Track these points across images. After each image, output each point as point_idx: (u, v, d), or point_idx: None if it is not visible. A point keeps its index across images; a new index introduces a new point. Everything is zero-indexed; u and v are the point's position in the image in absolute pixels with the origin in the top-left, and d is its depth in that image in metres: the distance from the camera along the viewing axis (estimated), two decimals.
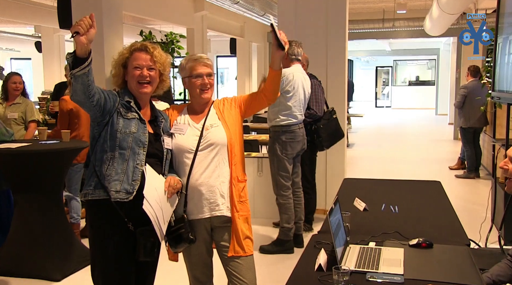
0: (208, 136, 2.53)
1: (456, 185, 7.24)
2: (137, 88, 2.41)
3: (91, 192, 2.34)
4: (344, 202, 3.02)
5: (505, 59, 4.03)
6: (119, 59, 2.42)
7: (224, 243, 2.58)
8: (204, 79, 2.55)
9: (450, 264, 2.23)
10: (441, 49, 19.28)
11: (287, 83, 4.32)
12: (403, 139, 12.70)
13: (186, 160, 2.52)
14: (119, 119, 2.35)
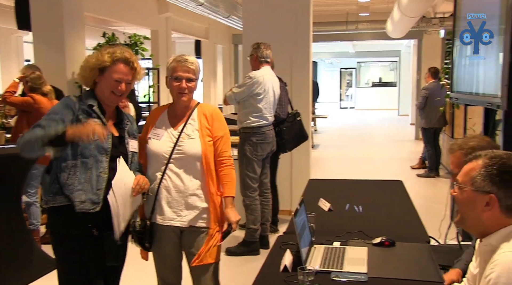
0: (182, 146, 2.50)
1: (418, 184, 7.42)
2: (110, 98, 2.37)
3: (51, 199, 2.28)
4: (309, 203, 3.05)
5: (462, 61, 4.15)
6: (98, 63, 2.33)
7: (190, 251, 2.57)
8: (182, 83, 2.51)
9: (412, 261, 2.29)
10: (402, 51, 19.72)
11: (257, 85, 4.35)
12: (367, 139, 12.93)
13: (159, 165, 2.51)
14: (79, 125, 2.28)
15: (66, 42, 6.22)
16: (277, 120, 4.73)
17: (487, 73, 3.36)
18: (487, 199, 1.49)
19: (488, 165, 1.51)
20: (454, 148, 2.19)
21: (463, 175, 1.57)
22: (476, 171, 1.53)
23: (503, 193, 1.48)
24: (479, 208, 1.51)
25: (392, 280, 2.08)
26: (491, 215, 1.50)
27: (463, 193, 1.55)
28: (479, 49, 3.57)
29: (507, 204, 1.48)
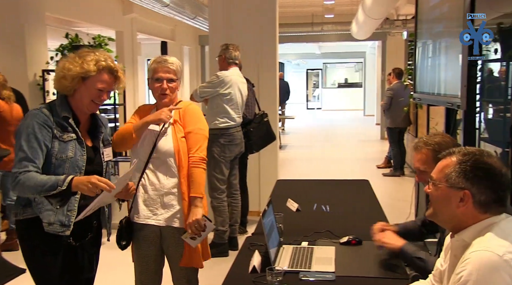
0: (159, 144, 2.51)
1: (383, 183, 7.56)
2: (89, 106, 2.25)
3: (21, 211, 2.17)
4: (277, 203, 3.06)
5: (424, 63, 4.26)
6: (82, 72, 2.19)
7: (171, 252, 2.56)
8: (163, 84, 2.52)
9: (378, 259, 2.32)
10: (367, 53, 20.05)
11: (223, 85, 4.34)
12: (334, 140, 13.08)
13: (141, 164, 2.52)
14: (54, 142, 2.14)
15: (27, 43, 6.06)
16: (244, 121, 4.73)
17: (447, 74, 3.45)
18: (461, 195, 1.52)
19: (462, 162, 1.53)
20: (420, 145, 2.22)
21: (438, 172, 1.59)
22: (451, 168, 1.55)
23: (476, 189, 1.51)
24: (453, 203, 1.53)
25: (359, 278, 2.11)
26: (465, 211, 1.52)
27: (438, 189, 1.58)
28: (438, 51, 3.67)
29: (480, 200, 1.51)
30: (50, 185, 2.06)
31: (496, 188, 1.51)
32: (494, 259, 1.38)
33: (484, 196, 1.51)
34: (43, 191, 2.07)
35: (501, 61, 3.95)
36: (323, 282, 2.07)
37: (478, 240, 1.47)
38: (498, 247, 1.40)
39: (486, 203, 1.51)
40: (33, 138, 2.10)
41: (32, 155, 2.08)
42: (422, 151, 2.20)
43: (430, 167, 2.13)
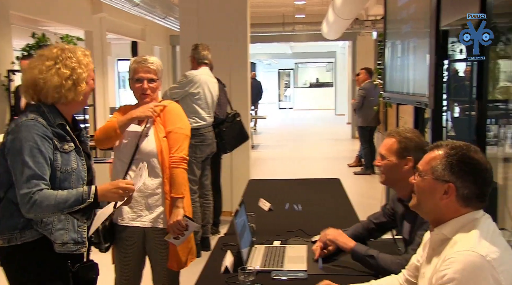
0: (141, 145, 2.49)
1: (354, 181, 7.65)
2: (82, 104, 2.11)
3: (18, 235, 1.93)
4: (249, 203, 3.06)
5: (393, 62, 4.33)
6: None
7: (154, 253, 2.55)
8: (144, 84, 2.50)
9: (349, 256, 2.34)
10: (338, 53, 20.26)
11: (192, 85, 4.31)
12: (305, 139, 13.16)
13: (123, 166, 2.49)
14: (56, 154, 1.94)
15: None
16: (217, 121, 4.72)
17: (416, 74, 3.52)
18: (446, 187, 1.55)
19: (449, 155, 1.56)
20: (392, 133, 2.28)
21: (424, 164, 1.62)
22: (437, 161, 1.58)
23: (460, 182, 1.54)
24: (437, 196, 1.56)
25: (331, 276, 2.13)
26: (447, 203, 1.56)
27: (424, 181, 1.61)
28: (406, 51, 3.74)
29: (463, 194, 1.54)
30: (74, 200, 1.89)
31: (480, 183, 1.54)
32: (478, 261, 1.41)
33: (468, 190, 1.53)
34: (67, 208, 1.88)
35: (466, 61, 4.05)
36: (295, 281, 2.08)
37: (461, 237, 1.50)
38: (482, 247, 1.43)
39: (469, 197, 1.54)
40: (37, 152, 1.88)
41: (41, 171, 1.87)
42: (391, 139, 2.25)
43: (390, 156, 2.22)
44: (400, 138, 2.23)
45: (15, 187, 1.88)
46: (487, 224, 1.54)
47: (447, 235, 1.54)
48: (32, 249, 1.95)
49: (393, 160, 2.22)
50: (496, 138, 3.51)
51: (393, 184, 2.31)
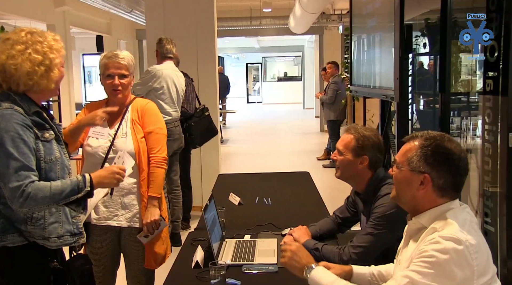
0: (117, 145, 2.43)
1: (323, 174, 7.73)
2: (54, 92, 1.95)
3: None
4: (219, 198, 3.06)
5: (360, 56, 4.39)
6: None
7: (129, 253, 2.52)
8: (115, 80, 2.44)
9: None
10: (306, 47, 20.36)
11: (155, 79, 4.27)
12: (274, 133, 13.22)
13: (95, 165, 2.39)
14: (38, 144, 1.83)
15: None
16: (185, 116, 4.68)
17: (382, 68, 3.57)
18: (422, 178, 1.58)
19: (424, 146, 1.59)
20: (351, 130, 2.32)
21: (401, 156, 1.65)
22: (413, 152, 1.61)
23: (435, 173, 1.57)
24: (414, 186, 1.59)
25: None
26: (424, 194, 1.59)
27: (401, 172, 1.63)
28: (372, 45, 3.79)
29: (439, 184, 1.57)
30: (70, 190, 1.80)
31: (454, 173, 1.58)
32: (458, 245, 1.45)
33: (443, 180, 1.57)
34: (63, 198, 1.79)
35: (429, 55, 4.14)
36: (266, 274, 2.09)
37: (441, 224, 1.53)
38: (462, 234, 1.47)
39: (444, 187, 1.58)
40: (21, 142, 1.76)
41: (28, 161, 1.76)
42: (350, 135, 2.30)
43: (347, 153, 2.26)
44: (358, 136, 2.27)
45: (1, 182, 1.75)
46: (464, 215, 1.57)
47: (424, 224, 1.59)
48: (13, 254, 1.83)
49: (349, 157, 2.27)
50: (458, 130, 3.61)
51: (348, 179, 2.36)
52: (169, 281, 2.09)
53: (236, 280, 2.01)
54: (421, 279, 1.46)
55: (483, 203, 2.67)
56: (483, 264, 1.48)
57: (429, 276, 1.46)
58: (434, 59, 3.91)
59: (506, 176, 2.46)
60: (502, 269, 2.51)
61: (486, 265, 1.50)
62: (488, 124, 2.59)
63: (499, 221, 2.54)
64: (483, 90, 2.63)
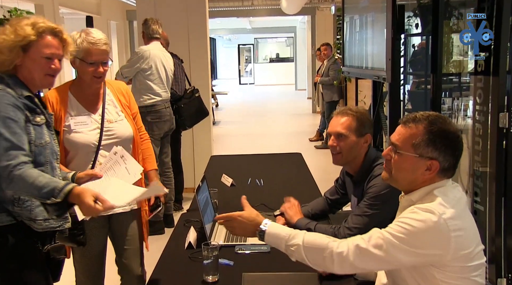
0: (114, 130, 2.33)
1: (316, 155, 7.76)
2: (43, 81, 1.90)
3: None
4: (211, 179, 3.07)
5: (352, 37, 4.37)
6: (19, 40, 1.82)
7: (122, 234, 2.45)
8: (99, 68, 2.25)
9: None
10: (298, 27, 20.23)
11: (143, 61, 4.24)
12: (267, 114, 13.20)
13: (88, 156, 2.28)
14: (28, 127, 1.82)
15: None
16: (175, 98, 4.66)
17: (374, 49, 3.56)
18: (429, 164, 1.55)
19: (430, 131, 1.54)
20: (346, 111, 2.28)
21: (404, 140, 1.58)
22: (419, 137, 1.55)
23: (443, 157, 1.54)
24: (419, 172, 1.56)
25: None
26: (428, 177, 1.57)
27: (404, 157, 1.57)
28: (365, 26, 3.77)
29: (444, 167, 1.56)
30: (47, 192, 1.75)
31: (457, 154, 1.57)
32: (433, 217, 1.46)
33: (448, 163, 1.56)
34: (38, 196, 1.77)
35: (421, 36, 4.13)
36: (258, 254, 2.11)
37: (426, 199, 1.54)
38: (439, 208, 1.48)
39: (449, 169, 1.57)
40: (12, 122, 1.75)
41: (19, 141, 1.75)
42: (347, 117, 2.26)
43: (351, 135, 2.22)
44: (356, 115, 2.25)
45: None
46: (454, 192, 1.58)
47: (414, 201, 1.59)
48: (1, 233, 1.82)
49: (353, 138, 2.23)
50: (450, 111, 3.62)
51: (350, 161, 2.30)
52: (162, 262, 2.11)
53: (229, 260, 2.03)
54: (392, 239, 1.48)
55: (473, 182, 2.70)
56: (464, 239, 1.50)
57: (401, 239, 1.47)
58: (426, 40, 3.91)
59: (496, 155, 2.48)
60: (491, 246, 2.55)
61: (469, 241, 1.52)
62: (479, 105, 2.61)
63: (488, 200, 2.57)
64: (474, 71, 2.63)
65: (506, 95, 2.44)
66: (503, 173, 2.48)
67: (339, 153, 2.27)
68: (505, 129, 2.44)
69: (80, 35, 2.23)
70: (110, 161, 2.20)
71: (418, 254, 1.48)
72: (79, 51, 2.22)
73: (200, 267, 1.91)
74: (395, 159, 1.60)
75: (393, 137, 1.63)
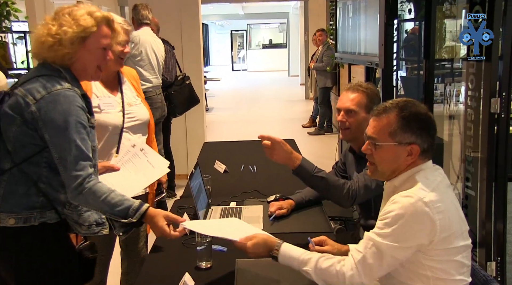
0: (134, 112, 2.34)
1: (309, 141, 7.78)
2: (95, 75, 1.83)
3: (38, 215, 1.73)
4: (204, 166, 3.07)
5: (345, 23, 4.35)
6: (81, 30, 1.71)
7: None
8: (125, 48, 2.23)
9: (304, 215, 2.41)
10: (291, 13, 20.11)
11: (133, 46, 4.18)
12: (260, 101, 13.19)
13: (113, 138, 2.25)
14: (88, 130, 1.76)
15: None
16: (166, 84, 4.63)
17: (367, 34, 3.55)
18: (409, 149, 1.57)
19: (403, 117, 1.56)
20: (355, 87, 2.27)
21: (379, 132, 1.59)
22: (393, 125, 1.57)
23: (420, 139, 1.57)
24: (401, 158, 1.58)
25: (286, 234, 2.18)
26: (409, 161, 1.59)
27: (384, 148, 1.59)
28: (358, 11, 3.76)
29: (424, 149, 1.58)
30: (121, 210, 1.71)
31: (433, 133, 1.60)
32: (415, 201, 1.48)
33: (427, 144, 1.58)
34: (111, 213, 1.72)
35: (414, 21, 4.12)
36: None
37: (408, 185, 1.56)
38: (420, 192, 1.50)
39: (428, 150, 1.59)
40: (81, 127, 1.69)
41: (87, 148, 1.70)
42: (357, 93, 2.26)
43: (361, 111, 2.22)
44: (367, 91, 2.25)
45: (59, 166, 1.69)
46: (435, 175, 1.60)
47: (397, 186, 1.61)
48: (46, 232, 1.76)
49: (363, 114, 2.23)
50: (442, 96, 3.63)
51: (357, 137, 2.27)
52: (155, 248, 2.11)
53: (222, 246, 2.04)
54: (382, 240, 1.51)
55: (465, 168, 2.72)
56: (446, 221, 1.51)
57: (389, 237, 1.50)
58: (419, 25, 3.90)
59: (487, 141, 2.50)
60: (481, 230, 2.58)
61: (451, 223, 1.53)
62: (471, 90, 2.62)
63: (479, 185, 2.60)
64: (466, 56, 2.64)
65: (498, 80, 2.45)
66: (494, 158, 2.50)
67: (347, 128, 2.27)
68: (497, 114, 2.46)
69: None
70: (128, 154, 2.19)
71: (410, 247, 1.50)
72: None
73: (193, 254, 1.92)
74: (375, 152, 1.62)
75: (369, 131, 1.64)
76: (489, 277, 1.72)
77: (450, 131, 3.42)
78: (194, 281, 1.74)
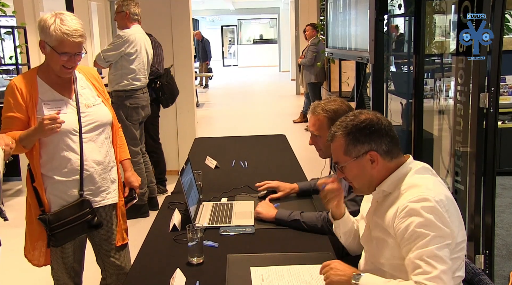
0: (93, 114, 2.21)
1: (300, 136, 7.79)
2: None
3: None
4: (195, 161, 3.07)
5: (335, 18, 4.36)
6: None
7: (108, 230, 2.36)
8: (71, 59, 2.10)
9: (295, 209, 2.41)
10: (281, 8, 20.09)
11: (128, 45, 4.13)
12: (251, 96, 13.18)
13: (68, 142, 2.14)
14: None
15: None
16: (155, 75, 4.63)
17: (357, 30, 3.56)
18: (369, 157, 1.62)
19: (348, 134, 1.63)
20: (317, 110, 2.29)
21: (338, 156, 1.67)
22: (344, 145, 1.64)
23: (374, 144, 1.61)
24: (368, 168, 1.63)
25: (276, 230, 2.19)
26: (378, 168, 1.63)
27: (349, 167, 1.65)
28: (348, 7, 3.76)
29: (384, 150, 1.61)
30: None
31: (385, 132, 1.62)
32: (430, 202, 1.47)
33: (384, 145, 1.61)
34: None
35: (404, 17, 4.13)
36: (243, 236, 2.13)
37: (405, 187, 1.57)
38: (428, 191, 1.50)
39: (390, 149, 1.62)
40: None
41: None
42: (319, 116, 2.27)
43: (324, 134, 2.18)
44: (328, 114, 2.25)
45: None
46: (421, 171, 1.62)
47: (388, 190, 1.63)
48: None
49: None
50: (432, 91, 3.65)
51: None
52: (146, 244, 2.11)
53: (214, 242, 2.04)
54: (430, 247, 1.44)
55: (454, 162, 2.74)
56: (455, 218, 1.52)
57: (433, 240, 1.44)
58: (409, 21, 3.92)
59: (476, 135, 2.52)
60: (470, 224, 2.61)
61: (458, 220, 1.54)
62: (460, 85, 2.63)
63: (468, 179, 2.62)
64: (456, 52, 2.65)
65: (487, 75, 2.47)
66: (483, 152, 2.52)
67: (320, 149, 2.35)
68: (485, 109, 2.48)
69: (54, 21, 2.07)
70: None
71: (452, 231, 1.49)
72: (51, 40, 2.07)
73: (185, 249, 1.92)
74: (345, 173, 1.69)
75: (333, 158, 1.72)
76: (478, 270, 1.74)
77: (439, 126, 3.45)
78: (185, 277, 1.74)
